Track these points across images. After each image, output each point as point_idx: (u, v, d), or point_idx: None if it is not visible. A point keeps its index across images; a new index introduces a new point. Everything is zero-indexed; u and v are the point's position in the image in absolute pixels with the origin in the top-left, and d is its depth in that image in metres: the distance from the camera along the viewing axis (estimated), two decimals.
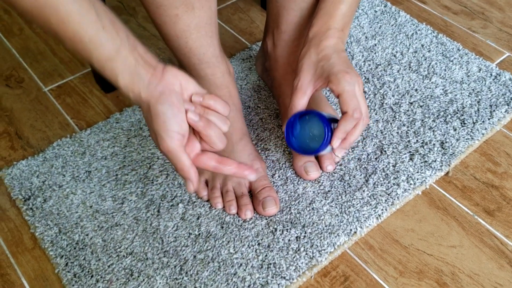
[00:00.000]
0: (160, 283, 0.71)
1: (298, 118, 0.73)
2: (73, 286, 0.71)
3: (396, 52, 1.04)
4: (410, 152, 0.85)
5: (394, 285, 0.71)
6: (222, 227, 0.77)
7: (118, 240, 0.76)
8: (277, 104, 0.93)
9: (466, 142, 0.87)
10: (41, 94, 1.02)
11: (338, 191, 0.80)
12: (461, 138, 0.87)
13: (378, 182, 0.81)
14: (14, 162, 0.88)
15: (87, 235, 0.77)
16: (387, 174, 0.82)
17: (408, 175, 0.82)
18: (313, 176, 0.81)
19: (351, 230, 0.76)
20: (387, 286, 0.71)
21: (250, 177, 0.68)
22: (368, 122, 0.73)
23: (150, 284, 0.71)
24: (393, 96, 0.94)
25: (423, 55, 1.02)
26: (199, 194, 0.80)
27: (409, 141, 0.87)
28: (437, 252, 0.75)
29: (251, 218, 0.77)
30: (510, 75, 0.98)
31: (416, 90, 0.95)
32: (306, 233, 0.75)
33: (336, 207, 0.78)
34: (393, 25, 1.10)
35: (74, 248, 0.75)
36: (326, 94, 0.96)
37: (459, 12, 1.16)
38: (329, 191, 0.80)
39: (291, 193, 0.81)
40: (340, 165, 0.84)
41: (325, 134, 0.71)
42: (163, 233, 0.76)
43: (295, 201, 0.79)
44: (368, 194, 0.80)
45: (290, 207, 0.79)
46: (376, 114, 0.91)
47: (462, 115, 0.91)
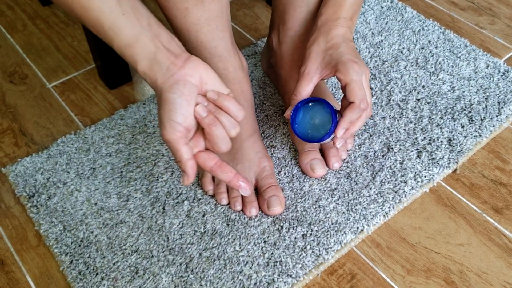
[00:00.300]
0: (165, 281, 0.70)
1: (302, 105, 0.73)
2: (78, 283, 0.71)
3: (403, 48, 1.03)
4: (417, 149, 0.84)
5: (401, 283, 0.71)
6: (228, 225, 0.76)
7: (123, 237, 0.75)
8: (282, 101, 0.93)
9: (474, 139, 0.86)
10: (45, 90, 1.01)
11: (345, 189, 0.80)
12: (469, 135, 0.86)
13: (385, 179, 0.81)
14: (18, 159, 0.88)
15: (92, 233, 0.76)
16: (394, 172, 0.81)
17: (415, 173, 0.81)
18: (319, 173, 0.80)
19: (358, 228, 0.75)
20: (395, 285, 0.71)
21: (242, 191, 0.67)
22: (371, 113, 0.73)
23: (156, 282, 0.70)
24: (400, 92, 0.94)
25: (430, 51, 1.02)
26: (205, 189, 0.80)
27: (416, 138, 0.86)
28: (445, 250, 0.74)
29: (257, 216, 0.77)
30: None
31: (423, 86, 0.95)
32: (312, 231, 0.75)
33: (342, 205, 0.78)
34: (399, 21, 1.09)
35: (79, 245, 0.75)
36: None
37: (467, 8, 1.15)
38: (335, 189, 0.80)
39: (297, 190, 0.80)
40: (346, 162, 0.83)
41: (332, 122, 0.71)
42: (169, 230, 0.76)
43: (301, 198, 0.79)
44: (375, 191, 0.79)
45: (296, 205, 0.78)
46: (383, 111, 0.91)
47: (470, 112, 0.90)
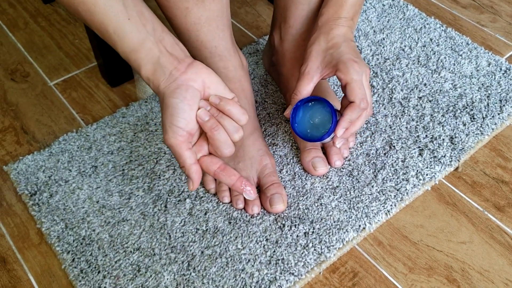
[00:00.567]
0: (167, 279, 0.71)
1: (302, 104, 0.73)
2: (79, 281, 0.71)
3: (404, 46, 1.03)
4: (419, 147, 0.84)
5: (403, 281, 0.71)
6: (230, 223, 0.76)
7: (125, 235, 0.75)
8: (284, 99, 0.92)
9: (475, 137, 0.86)
10: (46, 88, 1.01)
11: (347, 187, 0.80)
12: (470, 133, 0.86)
13: (387, 177, 0.80)
14: (20, 157, 0.88)
15: (94, 231, 0.76)
16: (396, 170, 0.81)
17: (417, 171, 0.81)
18: (321, 171, 0.80)
19: (360, 226, 0.75)
20: (397, 283, 0.71)
21: (247, 194, 0.68)
22: (371, 113, 0.73)
23: (158, 280, 0.71)
24: (401, 90, 0.94)
25: (432, 49, 1.01)
26: (207, 187, 0.80)
27: (418, 136, 0.86)
28: (446, 248, 0.74)
29: (259, 214, 0.77)
30: None
31: (425, 84, 0.95)
32: (314, 229, 0.75)
33: (344, 203, 0.78)
34: (401, 19, 1.09)
35: (81, 243, 0.75)
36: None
37: (468, 5, 1.14)
38: (337, 187, 0.80)
39: (299, 188, 0.80)
40: (348, 160, 0.83)
41: (332, 121, 0.71)
42: (171, 228, 0.76)
43: (303, 196, 0.79)
44: (377, 189, 0.79)
45: (298, 203, 0.78)
46: (384, 109, 0.91)
47: (472, 110, 0.90)
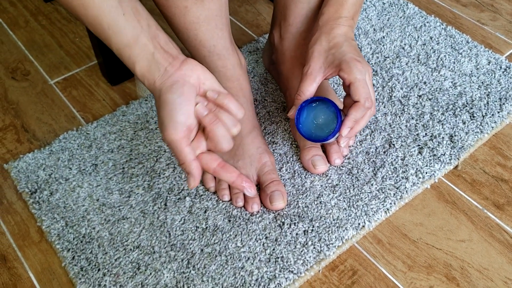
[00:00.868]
0: (167, 277, 0.71)
1: (307, 105, 0.74)
2: (80, 279, 0.71)
3: (404, 44, 1.03)
4: (419, 145, 0.84)
5: (402, 279, 0.71)
6: (230, 221, 0.76)
7: (125, 233, 0.76)
8: (284, 97, 0.93)
9: (475, 135, 0.86)
10: (47, 86, 1.01)
11: (346, 185, 0.80)
12: (470, 131, 0.86)
13: (386, 175, 0.81)
14: (20, 155, 0.88)
15: (94, 229, 0.76)
16: (396, 168, 0.81)
17: (416, 169, 0.81)
18: (320, 169, 0.81)
19: (359, 224, 0.75)
20: (396, 281, 0.71)
21: (247, 191, 0.68)
22: (375, 112, 0.73)
23: (157, 277, 0.71)
24: (401, 89, 0.94)
25: (432, 48, 1.01)
26: (206, 185, 0.80)
27: (417, 134, 0.86)
28: (446, 246, 0.74)
29: (258, 212, 0.77)
30: None
31: (424, 83, 0.95)
32: (314, 227, 0.75)
33: (344, 201, 0.78)
34: (401, 17, 1.09)
35: (81, 241, 0.75)
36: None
37: (468, 4, 1.14)
38: (337, 185, 0.80)
39: (299, 186, 0.80)
40: (348, 158, 0.83)
41: (337, 122, 0.72)
42: (170, 226, 0.76)
43: (303, 194, 0.79)
44: (376, 187, 0.79)
45: (298, 201, 0.78)
46: (384, 107, 0.91)
47: (471, 108, 0.90)
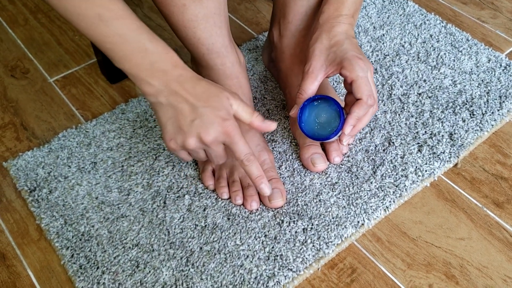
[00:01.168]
0: (166, 275, 0.71)
1: (308, 103, 0.74)
2: (78, 277, 0.71)
3: (404, 42, 1.02)
4: (418, 143, 0.84)
5: (402, 277, 0.71)
6: (229, 219, 0.76)
7: (124, 231, 0.76)
8: (283, 95, 0.92)
9: (475, 133, 0.86)
10: (46, 84, 1.01)
11: (346, 183, 0.80)
12: (470, 129, 0.86)
13: (386, 173, 0.80)
14: (19, 153, 0.88)
15: (93, 227, 0.76)
16: (395, 166, 0.81)
17: (416, 167, 0.81)
18: (320, 168, 0.80)
19: (359, 222, 0.75)
20: (395, 279, 0.71)
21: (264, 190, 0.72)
22: (377, 109, 0.73)
23: (156, 275, 0.71)
24: (401, 87, 0.93)
25: (432, 46, 1.01)
26: (206, 184, 0.80)
27: (417, 132, 0.86)
28: (445, 244, 0.74)
29: (257, 210, 0.77)
30: None
31: (424, 80, 0.94)
32: (313, 225, 0.75)
33: (343, 199, 0.78)
34: (401, 15, 1.09)
35: (80, 239, 0.75)
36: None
37: (468, 2, 1.14)
38: (336, 183, 0.80)
39: (298, 184, 0.80)
40: (347, 156, 0.83)
41: (340, 120, 0.72)
42: (169, 224, 0.76)
43: (302, 192, 0.79)
44: (375, 185, 0.79)
45: (297, 199, 0.78)
46: (384, 105, 0.91)
47: (471, 106, 0.89)
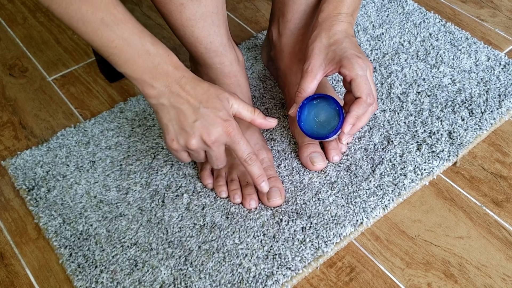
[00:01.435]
0: (164, 274, 0.71)
1: (308, 102, 0.73)
2: (77, 276, 0.71)
3: (403, 41, 1.02)
4: (417, 142, 0.84)
5: (400, 276, 0.71)
6: (227, 218, 0.76)
7: (123, 230, 0.75)
8: (282, 94, 0.92)
9: (474, 132, 0.85)
10: (45, 83, 1.01)
11: (344, 182, 0.80)
12: (469, 128, 0.86)
13: (385, 172, 0.80)
14: (18, 152, 0.88)
15: (91, 226, 0.76)
16: (394, 165, 0.81)
17: (415, 166, 0.81)
18: (319, 166, 0.80)
19: (357, 220, 0.75)
20: (394, 277, 0.71)
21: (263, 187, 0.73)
22: (376, 108, 0.73)
23: (155, 274, 0.71)
24: (400, 85, 0.93)
25: (431, 44, 1.01)
26: (204, 182, 0.79)
27: (416, 131, 0.86)
28: (444, 243, 0.74)
29: (256, 208, 0.77)
30: None
31: (423, 79, 0.94)
32: (311, 223, 0.75)
33: (342, 198, 0.77)
34: (400, 13, 1.09)
35: (78, 238, 0.75)
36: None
37: (468, 0, 1.14)
38: (335, 182, 0.80)
39: (297, 183, 0.80)
40: (346, 155, 0.83)
41: (339, 119, 0.72)
42: (168, 223, 0.76)
43: (301, 191, 0.79)
44: (374, 184, 0.79)
45: (296, 198, 0.78)
46: (383, 103, 0.90)
47: (470, 105, 0.89)
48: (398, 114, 0.88)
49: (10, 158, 0.86)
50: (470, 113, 0.88)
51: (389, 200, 0.77)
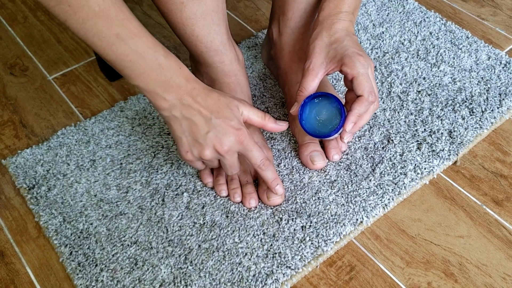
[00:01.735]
0: (164, 272, 0.71)
1: (309, 101, 0.73)
2: (77, 275, 0.71)
3: (404, 39, 1.02)
4: (417, 141, 0.84)
5: (400, 275, 0.71)
6: (227, 216, 0.76)
7: (123, 229, 0.76)
8: (282, 92, 0.92)
9: (474, 131, 0.85)
10: (45, 82, 1.01)
11: (344, 181, 0.80)
12: (469, 127, 0.86)
13: (385, 171, 0.80)
14: (18, 150, 0.88)
15: (92, 224, 0.76)
16: (394, 164, 0.81)
17: (415, 165, 0.81)
18: (319, 165, 0.80)
19: (357, 219, 0.75)
20: (394, 277, 0.71)
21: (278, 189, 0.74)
22: (378, 106, 0.73)
23: (155, 273, 0.71)
24: (400, 84, 0.93)
25: (432, 43, 1.01)
26: (204, 181, 0.80)
27: (416, 130, 0.86)
28: (444, 242, 0.74)
29: (256, 207, 0.77)
30: None
31: (424, 78, 0.94)
32: (311, 222, 0.75)
33: (342, 197, 0.77)
34: (401, 12, 1.08)
35: (79, 237, 0.75)
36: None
37: None
38: (335, 181, 0.80)
39: (297, 182, 0.80)
40: (346, 154, 0.83)
41: (341, 117, 0.72)
42: (168, 222, 0.76)
43: (301, 190, 0.79)
44: (374, 183, 0.79)
45: (296, 197, 0.78)
46: (383, 102, 0.90)
47: (471, 104, 0.89)
48: (398, 113, 0.88)
49: (10, 156, 0.87)
50: (470, 112, 0.88)
51: (389, 199, 0.77)
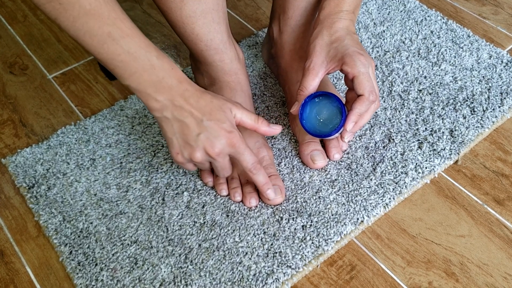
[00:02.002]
0: (164, 272, 0.70)
1: (310, 100, 0.73)
2: (77, 274, 0.71)
3: (405, 38, 1.02)
4: (418, 140, 0.84)
5: (401, 274, 0.70)
6: (228, 216, 0.76)
7: (123, 228, 0.75)
8: (283, 91, 0.92)
9: (476, 130, 0.85)
10: (45, 81, 1.01)
11: (345, 180, 0.79)
12: (470, 126, 0.86)
13: (385, 170, 0.80)
14: (18, 149, 0.88)
15: (91, 223, 0.76)
16: (395, 163, 0.81)
17: (416, 164, 0.81)
18: (319, 164, 0.80)
19: (358, 219, 0.75)
20: (395, 276, 0.70)
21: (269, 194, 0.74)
22: (379, 105, 0.73)
23: (155, 272, 0.70)
24: (401, 83, 0.93)
25: (433, 42, 1.01)
26: (204, 180, 0.79)
27: (417, 129, 0.85)
28: (445, 241, 0.74)
29: (256, 207, 0.77)
30: None
31: (425, 77, 0.94)
32: (312, 222, 0.74)
33: (343, 196, 0.77)
34: (402, 11, 1.08)
35: (78, 236, 0.75)
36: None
37: None
38: (336, 180, 0.79)
39: (297, 181, 0.80)
40: (347, 153, 0.83)
41: (342, 116, 0.72)
42: (168, 221, 0.76)
43: (301, 189, 0.78)
44: (375, 182, 0.79)
45: (296, 196, 0.78)
46: (384, 101, 0.90)
47: (472, 103, 0.89)
48: (399, 112, 0.88)
49: (10, 156, 0.86)
50: (471, 111, 0.88)
51: (390, 198, 0.77)
